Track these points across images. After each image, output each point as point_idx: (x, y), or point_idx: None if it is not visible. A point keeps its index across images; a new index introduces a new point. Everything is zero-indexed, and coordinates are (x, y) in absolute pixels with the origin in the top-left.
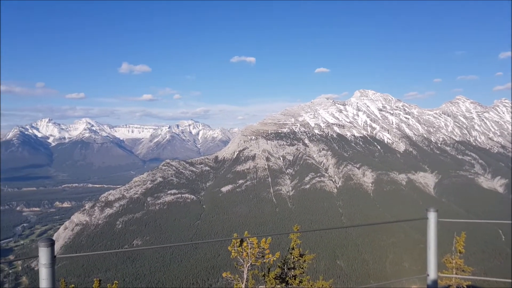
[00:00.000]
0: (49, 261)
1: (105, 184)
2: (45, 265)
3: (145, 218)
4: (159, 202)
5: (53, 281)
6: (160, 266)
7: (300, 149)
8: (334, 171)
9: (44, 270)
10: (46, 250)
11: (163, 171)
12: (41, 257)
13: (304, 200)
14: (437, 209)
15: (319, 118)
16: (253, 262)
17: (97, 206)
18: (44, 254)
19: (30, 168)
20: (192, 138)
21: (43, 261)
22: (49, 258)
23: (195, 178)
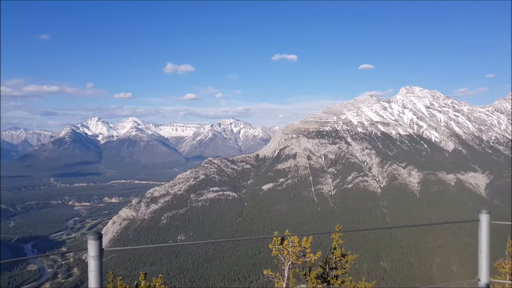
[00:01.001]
0: (97, 254)
1: (151, 180)
2: (93, 257)
3: (188, 214)
4: (202, 199)
5: (101, 272)
6: (203, 262)
7: (343, 148)
8: (378, 171)
9: (92, 262)
10: (95, 243)
11: (205, 169)
12: (90, 250)
13: (346, 199)
14: (489, 211)
15: (363, 116)
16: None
17: (143, 201)
18: (93, 246)
19: (81, 165)
20: (234, 136)
21: (91, 254)
22: (97, 250)
23: (236, 176)
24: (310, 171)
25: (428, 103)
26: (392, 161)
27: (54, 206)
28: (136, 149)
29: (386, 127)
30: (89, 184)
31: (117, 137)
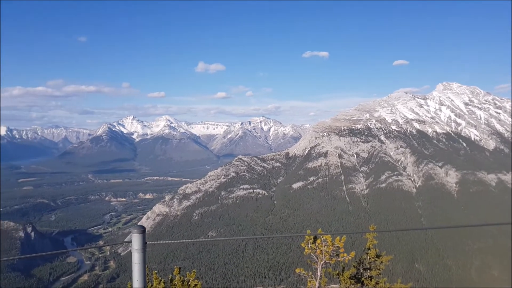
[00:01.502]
0: (141, 247)
1: (183, 177)
2: (137, 250)
3: (219, 211)
4: (232, 196)
5: (144, 265)
6: (233, 258)
7: (376, 146)
8: (413, 170)
9: (136, 254)
10: (138, 237)
11: (236, 167)
12: (134, 243)
13: (379, 199)
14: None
15: (397, 113)
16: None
17: (176, 198)
18: (137, 240)
19: (117, 162)
20: (264, 134)
21: (135, 247)
22: (141, 244)
23: (266, 174)
24: (341, 169)
25: (467, 100)
26: (428, 160)
27: (92, 201)
28: (169, 147)
29: (422, 125)
30: (124, 180)
31: (151, 135)
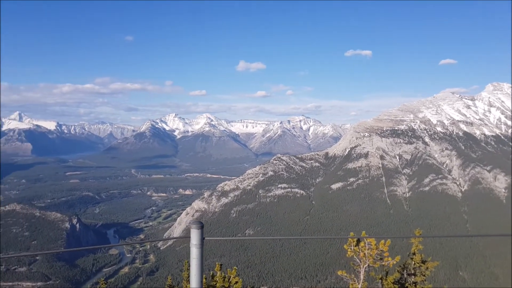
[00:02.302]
0: (199, 242)
1: (222, 175)
2: (195, 245)
3: (257, 209)
4: (270, 195)
5: (202, 260)
6: (270, 257)
7: (419, 148)
8: (459, 173)
9: (194, 250)
10: (197, 232)
11: (274, 165)
12: (192, 238)
13: (422, 203)
14: None
15: (443, 114)
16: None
17: (215, 195)
18: (195, 235)
19: (159, 158)
20: (303, 133)
21: (194, 242)
22: (199, 239)
23: (305, 174)
24: (383, 171)
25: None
26: (475, 163)
27: (134, 196)
28: (209, 144)
29: (469, 127)
30: (165, 176)
31: (192, 132)
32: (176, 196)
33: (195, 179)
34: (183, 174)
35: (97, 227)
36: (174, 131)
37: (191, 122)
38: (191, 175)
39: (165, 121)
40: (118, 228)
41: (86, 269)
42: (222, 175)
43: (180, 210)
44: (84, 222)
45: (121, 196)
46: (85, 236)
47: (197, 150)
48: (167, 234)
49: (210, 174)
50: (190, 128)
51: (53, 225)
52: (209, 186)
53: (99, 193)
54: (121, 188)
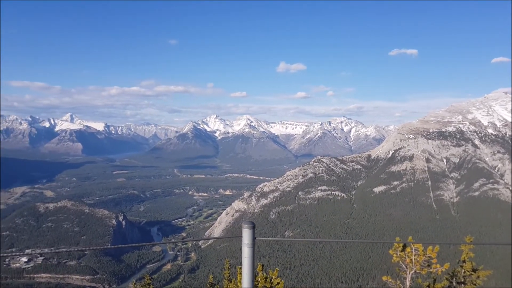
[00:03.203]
0: (251, 242)
1: (261, 176)
2: (247, 245)
3: (296, 211)
4: (310, 197)
5: (253, 259)
6: (309, 260)
7: (469, 151)
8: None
9: (246, 249)
10: (249, 232)
11: (314, 167)
12: (244, 238)
13: (471, 208)
14: None
15: (494, 115)
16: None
17: (254, 195)
18: (247, 235)
19: (200, 158)
20: (344, 135)
21: (245, 241)
22: (251, 239)
23: (345, 176)
24: (428, 175)
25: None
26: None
27: (177, 195)
28: (249, 145)
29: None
30: (206, 176)
31: (232, 133)
32: (216, 196)
33: (235, 180)
34: (224, 175)
35: (142, 224)
36: (215, 132)
37: (231, 124)
38: (231, 176)
39: (206, 122)
40: (161, 226)
41: (131, 265)
42: (261, 176)
43: (220, 210)
44: (129, 219)
45: (165, 195)
46: (130, 232)
47: (237, 151)
48: (208, 233)
49: (250, 175)
50: (231, 129)
51: (101, 222)
52: (249, 187)
53: (144, 191)
54: (164, 187)
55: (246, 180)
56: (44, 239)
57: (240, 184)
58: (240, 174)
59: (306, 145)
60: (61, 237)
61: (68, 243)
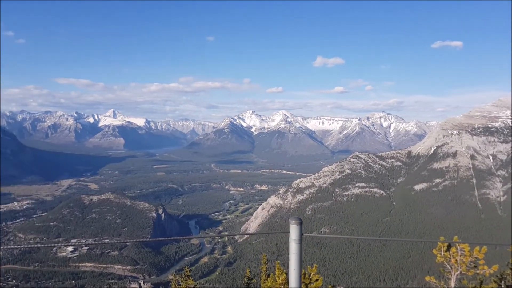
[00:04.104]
0: (298, 238)
1: (297, 171)
2: (295, 241)
3: (333, 207)
4: (347, 193)
5: (301, 255)
6: (347, 257)
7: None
8: None
9: (294, 245)
10: (296, 228)
11: (351, 163)
12: (292, 233)
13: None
14: None
15: None
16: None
17: (290, 191)
18: (294, 231)
19: (237, 154)
20: (383, 131)
21: (293, 237)
22: (298, 235)
23: (384, 173)
24: (473, 172)
25: None
26: None
27: (214, 189)
28: (285, 141)
29: None
30: (243, 171)
31: (268, 129)
32: (252, 191)
33: (271, 175)
34: (259, 170)
35: (180, 217)
36: (251, 128)
37: (267, 119)
38: (267, 171)
39: (242, 118)
40: (199, 219)
41: (170, 257)
42: (297, 172)
43: (256, 205)
44: (168, 212)
45: (202, 189)
46: (169, 225)
47: (273, 147)
48: (244, 227)
49: (286, 170)
50: (267, 125)
51: (141, 214)
52: (285, 183)
53: (182, 185)
54: (202, 182)
55: (281, 176)
56: (88, 229)
57: (276, 180)
58: (276, 170)
59: (343, 141)
60: (104, 228)
61: (111, 234)
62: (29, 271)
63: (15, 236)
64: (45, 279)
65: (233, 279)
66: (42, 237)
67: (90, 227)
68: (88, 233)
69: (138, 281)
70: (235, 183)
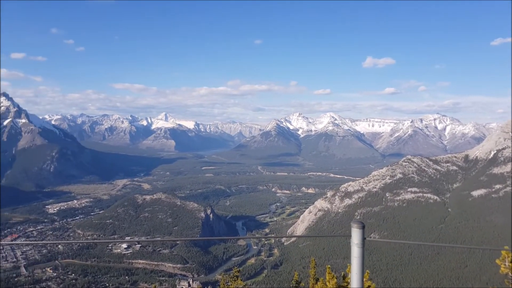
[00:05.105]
0: (361, 242)
1: (345, 175)
2: (357, 245)
3: (383, 213)
4: (398, 198)
5: (363, 259)
6: (397, 264)
7: None
8: None
9: (356, 249)
10: (358, 232)
11: (403, 167)
12: (354, 237)
13: None
14: None
15: None
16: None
17: (338, 195)
18: (357, 235)
19: (283, 156)
20: (438, 133)
21: (355, 241)
22: (361, 239)
23: (439, 178)
24: None
25: None
26: None
27: (260, 191)
28: (332, 144)
29: None
30: (289, 174)
31: (315, 131)
32: (299, 194)
33: (318, 178)
34: (306, 173)
35: (227, 218)
36: (298, 130)
37: (314, 121)
38: (313, 174)
39: (289, 120)
40: (246, 221)
41: (217, 257)
42: (345, 176)
43: (303, 208)
44: (216, 213)
45: (249, 190)
46: (217, 225)
47: (320, 149)
48: (291, 230)
49: (333, 173)
50: (313, 127)
51: (191, 214)
52: (332, 186)
53: (230, 187)
54: (248, 183)
55: (329, 179)
56: (141, 228)
57: (323, 183)
58: (323, 173)
59: (394, 144)
60: (156, 226)
61: (162, 233)
62: (86, 266)
63: (74, 232)
64: (101, 274)
65: (280, 282)
66: (99, 234)
67: (142, 225)
68: (141, 231)
69: (187, 280)
70: (281, 186)
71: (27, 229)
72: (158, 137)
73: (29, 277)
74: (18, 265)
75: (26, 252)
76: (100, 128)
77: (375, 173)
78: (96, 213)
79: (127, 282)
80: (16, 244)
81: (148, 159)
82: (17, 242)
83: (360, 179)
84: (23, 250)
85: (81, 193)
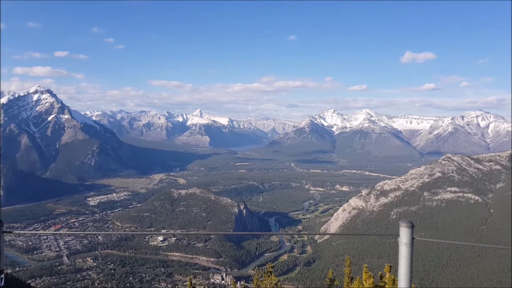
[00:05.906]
0: (409, 241)
1: (381, 173)
2: (405, 244)
3: (420, 213)
4: (437, 198)
5: (411, 259)
6: (435, 266)
7: None
8: None
9: (404, 248)
10: (407, 231)
11: (442, 166)
12: (402, 237)
13: None
14: None
15: None
16: None
17: (373, 193)
18: (405, 234)
19: (317, 153)
20: (480, 131)
21: (403, 240)
22: (409, 238)
23: (481, 177)
24: None
25: None
26: None
27: (293, 188)
28: (368, 141)
29: None
30: (323, 171)
31: (350, 128)
32: (333, 192)
33: (353, 176)
34: (340, 170)
35: (260, 214)
36: (332, 127)
37: (349, 118)
38: (348, 172)
39: (323, 117)
40: (278, 217)
41: (250, 252)
42: (381, 174)
43: (336, 206)
44: (249, 208)
45: (282, 187)
46: (250, 221)
47: (355, 147)
48: (324, 228)
49: (369, 171)
50: (348, 124)
51: (224, 209)
52: (367, 184)
53: (263, 183)
54: (281, 180)
55: (364, 177)
56: (177, 221)
57: (358, 181)
58: (358, 171)
59: (433, 141)
60: (191, 220)
61: (197, 227)
62: (124, 257)
63: (113, 224)
64: (138, 265)
65: (312, 279)
66: (136, 226)
67: (178, 219)
68: (176, 224)
69: (221, 273)
70: (315, 183)
71: (69, 220)
72: (193, 133)
73: (71, 266)
74: (61, 254)
75: (68, 242)
76: (138, 124)
77: (412, 172)
78: (134, 206)
79: (162, 273)
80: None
81: (183, 154)
82: (60, 232)
83: (396, 178)
84: (66, 240)
85: (120, 187)
